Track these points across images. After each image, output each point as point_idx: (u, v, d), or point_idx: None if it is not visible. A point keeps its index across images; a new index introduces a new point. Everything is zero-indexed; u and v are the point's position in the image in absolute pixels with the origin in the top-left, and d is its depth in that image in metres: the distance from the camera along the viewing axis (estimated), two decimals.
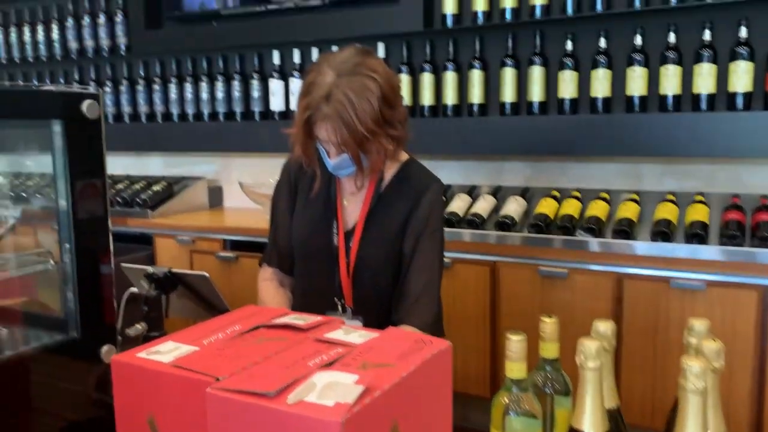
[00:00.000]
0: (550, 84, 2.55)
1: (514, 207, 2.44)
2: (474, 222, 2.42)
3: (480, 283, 2.35)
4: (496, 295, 2.34)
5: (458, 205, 2.51)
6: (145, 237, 3.04)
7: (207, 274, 1.39)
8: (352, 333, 0.90)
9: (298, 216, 1.63)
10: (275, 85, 3.04)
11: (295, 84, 2.94)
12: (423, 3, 2.67)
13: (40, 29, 3.59)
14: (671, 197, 2.34)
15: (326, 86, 1.39)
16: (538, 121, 2.53)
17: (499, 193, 2.62)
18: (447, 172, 2.77)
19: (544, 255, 2.27)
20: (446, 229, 2.37)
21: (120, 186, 3.30)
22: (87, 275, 1.11)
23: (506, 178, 2.76)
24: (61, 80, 3.62)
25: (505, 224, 2.37)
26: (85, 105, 1.08)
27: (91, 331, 1.14)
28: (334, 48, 2.79)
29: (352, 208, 1.57)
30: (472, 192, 2.65)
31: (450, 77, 2.69)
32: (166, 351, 0.85)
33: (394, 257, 1.53)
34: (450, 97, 2.70)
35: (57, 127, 1.07)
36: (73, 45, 3.50)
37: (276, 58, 3.07)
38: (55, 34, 3.55)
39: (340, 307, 1.55)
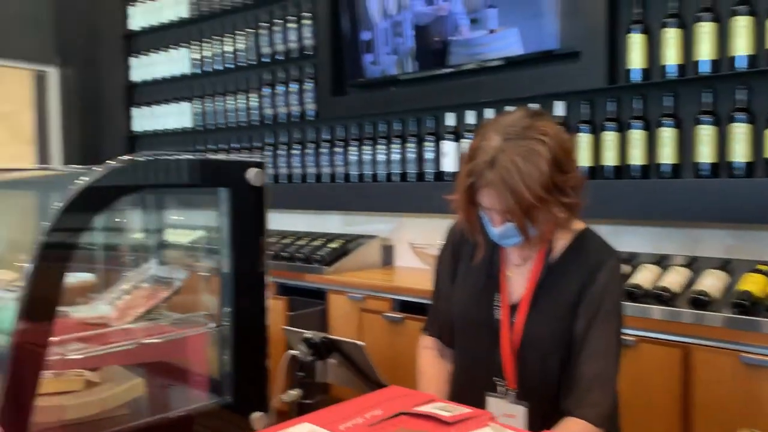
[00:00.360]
0: (757, 143, 2.24)
1: (711, 281, 2.14)
2: (662, 297, 2.15)
3: (669, 368, 2.07)
4: (688, 383, 2.04)
5: (644, 276, 2.26)
6: (320, 292, 3.14)
7: (362, 343, 1.35)
8: None
9: (458, 285, 1.55)
10: (448, 146, 3.03)
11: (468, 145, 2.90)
12: (606, 59, 2.52)
13: (241, 98, 3.95)
14: None
15: (491, 151, 1.32)
16: (742, 184, 2.22)
17: (694, 265, 2.32)
18: (632, 238, 2.53)
19: (749, 340, 1.95)
20: (630, 304, 2.15)
21: (301, 242, 3.46)
22: (242, 340, 1.12)
23: (703, 248, 2.45)
24: (257, 144, 3.94)
25: (701, 301, 2.08)
26: (251, 173, 1.11)
27: (243, 396, 1.14)
28: (512, 108, 2.73)
29: (518, 280, 1.46)
30: (662, 262, 2.37)
31: (637, 135, 2.48)
32: None
33: (563, 337, 1.38)
34: (636, 157, 2.48)
35: (224, 194, 1.11)
36: (267, 112, 3.80)
37: (450, 119, 3.07)
38: (253, 102, 3.89)
39: (502, 389, 1.42)
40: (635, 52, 2.45)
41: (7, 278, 1.16)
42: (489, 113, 2.92)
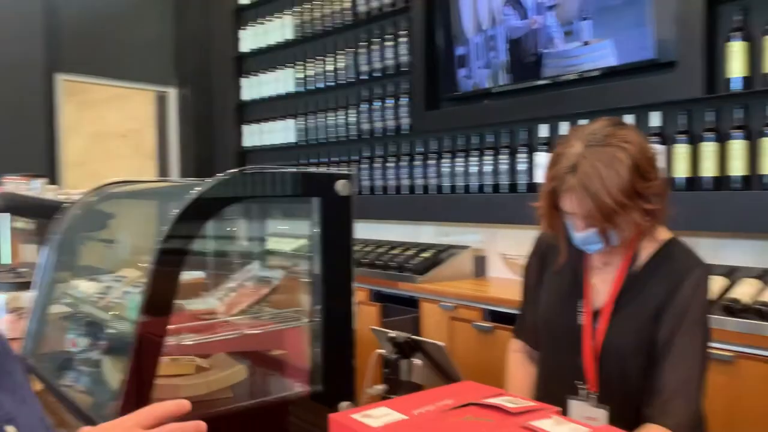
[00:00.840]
0: None
1: None
2: (762, 312, 2.07)
3: None
4: None
5: (743, 290, 2.18)
6: (412, 300, 3.23)
7: (442, 344, 1.42)
8: (562, 425, 0.84)
9: (544, 291, 1.59)
10: (541, 158, 3.05)
11: None
12: (704, 68, 2.46)
13: (340, 114, 4.14)
14: None
15: (573, 157, 1.36)
16: None
17: None
18: (732, 251, 2.44)
19: None
20: (728, 318, 2.09)
21: (395, 251, 3.57)
22: (332, 335, 1.23)
23: None
24: (355, 158, 4.10)
25: None
26: (339, 184, 1.22)
27: (332, 387, 1.25)
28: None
29: (601, 287, 1.48)
30: (764, 276, 2.28)
31: (737, 146, 2.40)
32: (378, 416, 0.90)
33: (644, 345, 1.39)
34: (737, 168, 2.40)
35: (316, 203, 1.22)
36: (365, 126, 3.96)
37: (544, 131, 3.09)
38: (351, 118, 4.06)
39: (583, 393, 1.45)
40: (735, 61, 2.38)
41: (133, 276, 1.33)
42: (583, 124, 2.91)
